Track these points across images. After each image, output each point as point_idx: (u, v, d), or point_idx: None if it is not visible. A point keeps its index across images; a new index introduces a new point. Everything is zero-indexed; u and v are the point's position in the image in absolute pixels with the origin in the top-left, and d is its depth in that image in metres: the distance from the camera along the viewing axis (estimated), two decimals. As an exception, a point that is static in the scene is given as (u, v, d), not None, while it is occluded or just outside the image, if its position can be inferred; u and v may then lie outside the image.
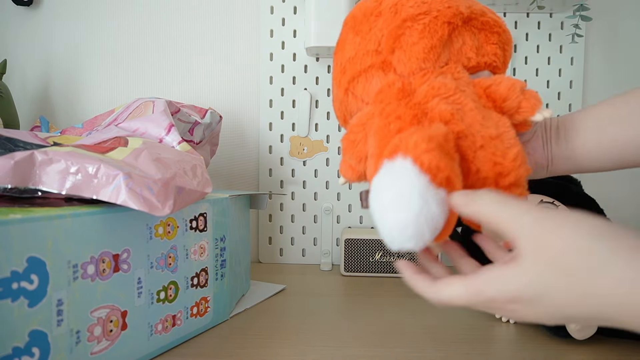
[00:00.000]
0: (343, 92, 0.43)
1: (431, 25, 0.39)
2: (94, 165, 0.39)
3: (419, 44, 0.39)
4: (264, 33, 0.83)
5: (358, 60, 0.41)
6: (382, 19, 0.41)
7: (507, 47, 0.43)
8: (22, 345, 0.33)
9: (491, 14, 0.42)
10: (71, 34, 0.86)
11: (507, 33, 0.43)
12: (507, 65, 0.44)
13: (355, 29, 0.42)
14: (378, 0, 0.42)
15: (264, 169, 0.85)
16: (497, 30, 0.42)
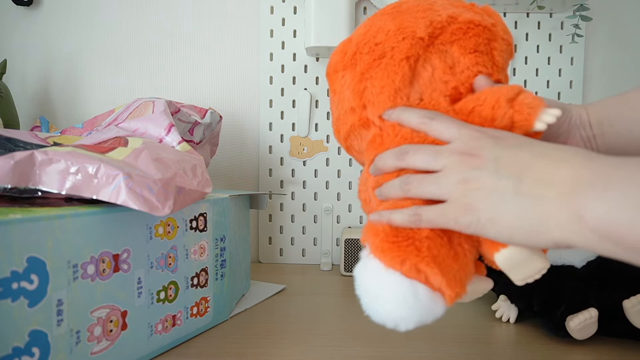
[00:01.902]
0: (346, 148, 0.43)
1: (389, 68, 0.36)
2: (94, 165, 0.39)
3: (383, 93, 0.37)
4: (264, 33, 0.83)
5: (342, 121, 0.40)
6: (348, 73, 0.39)
7: (493, 44, 0.38)
8: (22, 345, 0.33)
9: (463, 15, 0.37)
10: (71, 34, 0.86)
11: (486, 29, 0.38)
12: (503, 61, 0.39)
13: (332, 87, 0.41)
14: (343, 52, 0.40)
15: (264, 169, 0.85)
16: (473, 33, 0.37)
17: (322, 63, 0.84)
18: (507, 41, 0.40)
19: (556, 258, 0.54)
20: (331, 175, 0.85)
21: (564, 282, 0.50)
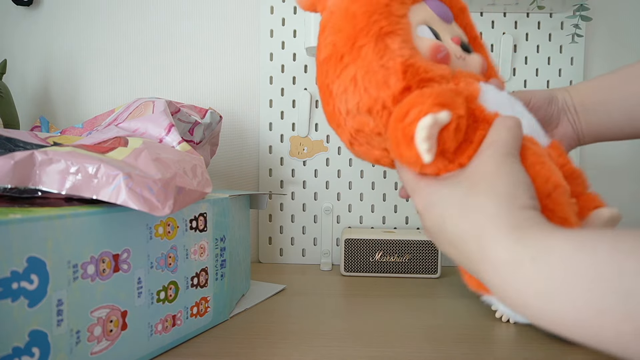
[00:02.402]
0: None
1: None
2: (94, 165, 0.39)
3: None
4: (264, 33, 0.83)
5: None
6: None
7: None
8: (22, 345, 0.33)
9: None
10: (71, 34, 0.86)
11: None
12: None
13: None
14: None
15: (264, 169, 0.85)
16: None
17: (322, 63, 0.84)
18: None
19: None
20: (331, 175, 0.85)
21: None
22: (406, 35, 0.34)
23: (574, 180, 0.35)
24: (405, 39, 0.34)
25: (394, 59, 0.33)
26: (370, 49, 0.33)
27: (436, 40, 0.36)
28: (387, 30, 0.34)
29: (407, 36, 0.34)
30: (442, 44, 0.36)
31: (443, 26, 0.39)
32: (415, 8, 0.37)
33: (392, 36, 0.34)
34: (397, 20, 0.34)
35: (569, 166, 0.36)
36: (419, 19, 0.37)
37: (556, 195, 0.31)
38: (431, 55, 0.35)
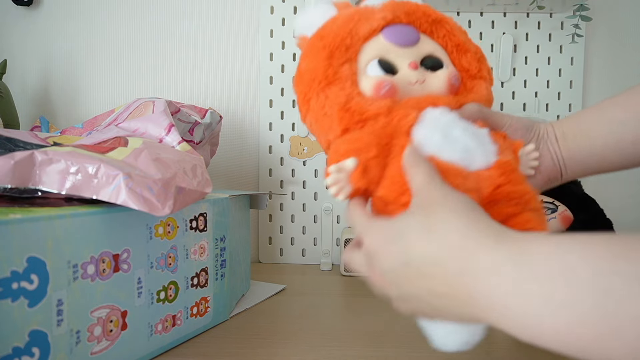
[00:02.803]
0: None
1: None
2: (94, 165, 0.39)
3: None
4: (264, 33, 0.83)
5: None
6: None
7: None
8: (22, 345, 0.33)
9: None
10: (71, 34, 0.86)
11: None
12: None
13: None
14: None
15: (264, 169, 0.85)
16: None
17: (322, 63, 0.84)
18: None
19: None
20: (331, 175, 0.85)
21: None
22: (346, 81, 0.39)
23: (508, 202, 0.36)
24: (344, 86, 0.38)
25: (332, 107, 0.38)
26: (315, 101, 0.39)
27: (380, 77, 0.39)
28: (327, 83, 0.38)
29: (346, 82, 0.39)
30: (383, 80, 0.38)
31: (402, 52, 0.40)
32: (369, 44, 0.40)
33: (331, 87, 0.38)
34: (336, 70, 0.39)
35: (506, 187, 0.36)
36: (371, 55, 0.40)
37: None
38: (374, 93, 0.38)
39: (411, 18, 0.42)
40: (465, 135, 0.37)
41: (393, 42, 0.40)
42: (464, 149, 0.36)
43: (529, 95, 0.84)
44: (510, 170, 0.37)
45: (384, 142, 0.36)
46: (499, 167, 0.37)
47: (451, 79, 0.41)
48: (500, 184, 0.36)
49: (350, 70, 0.39)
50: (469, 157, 0.36)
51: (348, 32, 0.40)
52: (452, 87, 0.41)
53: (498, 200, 0.36)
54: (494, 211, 0.35)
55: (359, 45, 0.40)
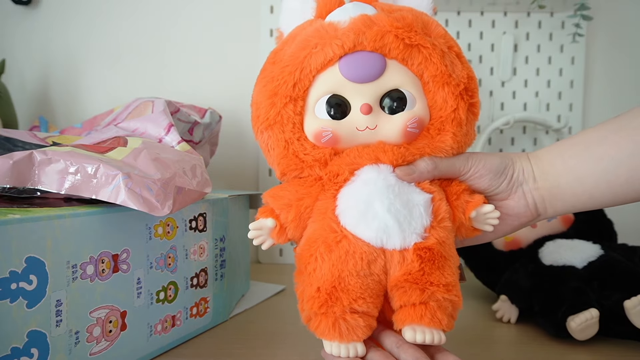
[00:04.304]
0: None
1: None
2: (93, 165, 0.39)
3: None
4: (264, 33, 0.83)
5: None
6: None
7: None
8: (20, 345, 0.32)
9: None
10: (70, 34, 0.86)
11: None
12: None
13: None
14: None
15: (264, 169, 0.85)
16: None
17: (322, 63, 0.83)
18: None
19: (557, 258, 0.54)
20: (331, 175, 0.84)
21: (565, 283, 0.50)
22: (287, 124, 0.38)
23: (403, 294, 0.36)
24: (284, 129, 0.38)
25: (273, 148, 0.38)
26: (259, 137, 0.40)
27: (323, 123, 0.37)
28: (268, 124, 0.38)
29: (287, 126, 0.38)
30: (324, 129, 0.37)
31: (359, 88, 0.36)
32: (323, 75, 0.37)
33: (273, 128, 0.38)
34: (279, 111, 0.37)
35: (415, 275, 0.35)
36: (323, 91, 0.37)
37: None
38: (315, 141, 0.38)
39: (378, 44, 0.36)
40: (388, 213, 0.35)
41: (350, 76, 0.36)
42: (380, 229, 0.35)
43: (530, 95, 0.84)
44: (429, 258, 0.35)
45: (306, 204, 0.38)
46: (417, 251, 0.35)
47: (409, 125, 0.36)
48: (409, 272, 0.35)
49: (295, 111, 0.37)
50: (385, 238, 0.35)
51: (299, 63, 0.36)
52: (408, 135, 0.37)
53: (399, 289, 0.36)
54: (395, 296, 0.36)
55: (310, 78, 0.37)
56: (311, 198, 0.38)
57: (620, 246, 0.58)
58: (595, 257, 0.53)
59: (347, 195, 0.37)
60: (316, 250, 0.36)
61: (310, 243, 0.37)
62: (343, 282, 0.35)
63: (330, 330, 0.36)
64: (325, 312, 0.36)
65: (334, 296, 0.35)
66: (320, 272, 0.36)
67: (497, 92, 0.84)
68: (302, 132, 0.38)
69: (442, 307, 0.36)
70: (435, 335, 0.35)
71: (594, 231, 0.60)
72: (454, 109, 0.37)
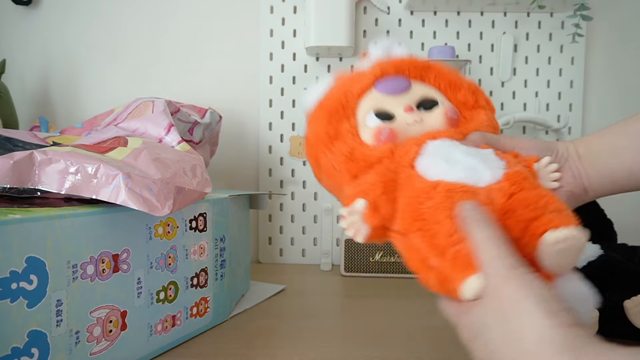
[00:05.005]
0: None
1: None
2: (93, 165, 0.39)
3: None
4: (264, 33, 0.83)
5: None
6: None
7: None
8: (21, 345, 0.32)
9: None
10: (71, 34, 0.86)
11: None
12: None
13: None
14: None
15: (264, 169, 0.85)
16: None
17: (322, 63, 0.84)
18: None
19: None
20: (331, 175, 0.85)
21: (565, 282, 0.50)
22: (347, 135, 0.42)
23: (525, 208, 0.36)
24: (345, 140, 0.41)
25: (338, 160, 0.41)
26: (323, 159, 0.42)
27: (378, 125, 0.42)
28: (330, 140, 0.42)
29: (347, 136, 0.42)
30: (381, 128, 0.41)
31: (396, 100, 0.43)
32: (364, 100, 0.43)
33: (334, 143, 0.42)
34: (336, 128, 0.42)
35: (519, 195, 0.36)
36: (367, 109, 0.43)
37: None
38: (375, 141, 0.41)
39: (399, 69, 0.44)
40: (468, 156, 0.38)
41: (385, 92, 0.43)
42: (468, 168, 0.37)
43: (530, 95, 0.84)
44: (522, 178, 0.37)
45: (389, 179, 0.38)
46: (509, 177, 0.37)
47: (448, 112, 0.43)
48: (512, 193, 0.36)
49: (350, 125, 0.42)
50: (475, 175, 0.37)
51: (343, 93, 0.43)
52: (450, 120, 0.43)
53: (513, 208, 0.36)
54: (512, 220, 0.35)
55: (354, 103, 0.43)
56: (390, 172, 0.39)
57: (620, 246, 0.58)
58: (594, 257, 0.53)
59: (423, 160, 0.38)
60: (424, 207, 0.36)
61: (413, 205, 0.36)
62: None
63: None
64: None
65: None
66: (443, 226, 0.35)
67: (497, 92, 0.84)
68: (361, 139, 0.42)
69: (563, 211, 0.36)
70: (575, 230, 0.34)
71: (593, 231, 0.60)
72: (475, 99, 0.44)
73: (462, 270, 0.33)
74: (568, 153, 0.41)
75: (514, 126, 0.81)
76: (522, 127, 0.84)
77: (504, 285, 0.30)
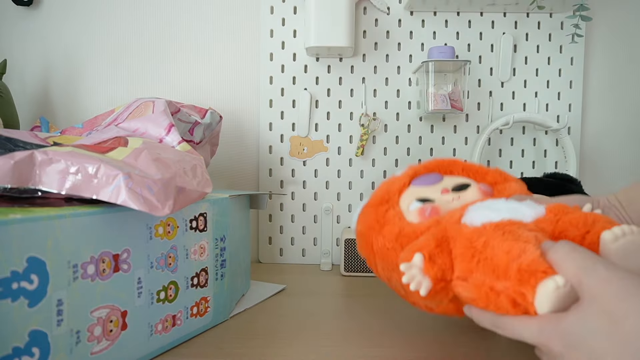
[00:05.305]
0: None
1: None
2: (93, 165, 0.39)
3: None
4: (264, 33, 0.83)
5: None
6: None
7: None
8: (22, 345, 0.33)
9: None
10: (71, 34, 0.86)
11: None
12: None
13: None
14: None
15: (264, 169, 0.85)
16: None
17: (322, 63, 0.84)
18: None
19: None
20: (331, 175, 0.85)
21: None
22: (394, 219, 0.46)
23: (574, 227, 0.38)
24: (394, 222, 0.46)
25: (390, 240, 0.45)
26: (376, 244, 0.47)
27: (421, 205, 0.46)
28: (380, 226, 0.47)
29: (395, 219, 0.46)
30: (425, 206, 0.46)
31: (433, 188, 0.48)
32: (404, 195, 0.49)
33: (384, 227, 0.46)
34: (384, 215, 0.47)
35: (565, 218, 0.38)
36: (409, 200, 0.48)
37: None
38: (421, 218, 0.45)
39: (429, 169, 0.52)
40: (509, 203, 0.41)
41: (422, 185, 0.49)
42: (511, 210, 0.39)
43: (529, 95, 0.84)
44: (563, 208, 0.39)
45: (440, 236, 0.41)
46: (551, 210, 0.39)
47: (482, 187, 0.47)
48: (559, 219, 0.38)
49: (395, 212, 0.47)
50: (519, 214, 0.39)
51: (385, 191, 0.50)
52: (485, 193, 0.47)
53: (564, 230, 0.37)
54: (566, 239, 0.36)
55: (396, 197, 0.49)
56: (440, 231, 0.41)
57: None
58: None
59: (469, 214, 0.41)
60: (478, 243, 0.37)
61: (467, 246, 0.38)
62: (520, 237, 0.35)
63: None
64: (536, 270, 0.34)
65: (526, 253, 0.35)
66: (499, 247, 0.35)
67: (496, 93, 0.84)
68: (407, 221, 0.46)
69: (612, 221, 0.37)
70: (632, 227, 0.35)
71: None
72: (504, 177, 0.50)
73: (530, 280, 0.32)
74: (610, 202, 0.43)
75: (513, 126, 0.81)
76: (522, 127, 0.85)
77: (606, 286, 0.28)
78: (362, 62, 0.84)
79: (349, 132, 0.84)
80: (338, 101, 0.84)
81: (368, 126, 0.83)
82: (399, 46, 0.84)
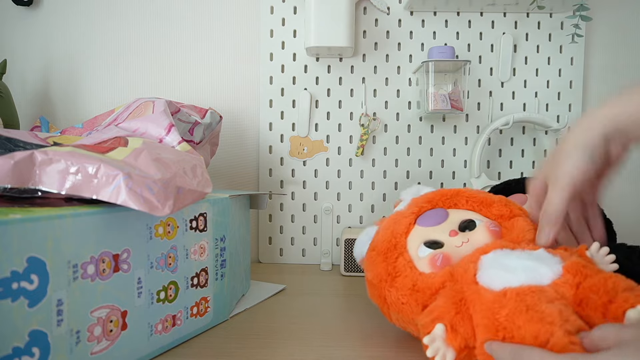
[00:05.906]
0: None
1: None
2: (94, 165, 0.39)
3: None
4: (264, 33, 0.84)
5: None
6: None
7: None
8: (22, 345, 0.33)
9: None
10: (71, 34, 0.86)
11: None
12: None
13: None
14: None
15: (264, 169, 0.85)
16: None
17: (322, 63, 0.84)
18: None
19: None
20: (331, 175, 0.85)
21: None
22: (405, 270, 0.45)
23: (596, 294, 0.37)
24: (406, 274, 0.45)
25: (404, 294, 0.44)
26: (389, 297, 0.46)
27: (431, 253, 0.45)
28: (391, 278, 0.46)
29: (406, 271, 0.45)
30: (435, 255, 0.45)
31: (440, 228, 0.47)
32: (411, 236, 0.48)
33: (396, 279, 0.45)
34: (394, 266, 0.46)
35: (586, 282, 0.37)
36: (417, 243, 0.47)
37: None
38: (432, 267, 0.44)
39: (433, 203, 0.51)
40: (522, 260, 0.39)
41: (429, 225, 0.48)
42: (527, 269, 0.38)
43: (529, 95, 0.84)
44: (582, 267, 0.38)
45: (458, 299, 0.40)
46: (569, 270, 0.38)
47: (489, 226, 0.46)
48: (578, 283, 0.37)
49: (405, 260, 0.46)
50: (537, 275, 0.38)
51: (391, 234, 0.48)
52: (494, 232, 0.46)
53: (586, 297, 0.37)
54: (589, 308, 0.36)
55: (403, 241, 0.48)
56: (457, 292, 0.40)
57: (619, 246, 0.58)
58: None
59: (484, 273, 0.40)
60: (500, 316, 0.36)
61: (489, 317, 0.37)
62: (541, 312, 0.35)
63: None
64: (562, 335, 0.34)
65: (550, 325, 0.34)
66: (525, 329, 0.35)
67: (496, 93, 0.84)
68: (419, 270, 0.45)
69: (635, 288, 0.37)
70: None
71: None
72: (509, 210, 0.48)
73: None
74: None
75: (513, 126, 0.81)
76: (522, 127, 0.85)
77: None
78: (362, 62, 0.84)
79: (349, 132, 0.84)
80: (338, 101, 0.84)
81: (368, 126, 0.83)
82: (399, 46, 0.84)
